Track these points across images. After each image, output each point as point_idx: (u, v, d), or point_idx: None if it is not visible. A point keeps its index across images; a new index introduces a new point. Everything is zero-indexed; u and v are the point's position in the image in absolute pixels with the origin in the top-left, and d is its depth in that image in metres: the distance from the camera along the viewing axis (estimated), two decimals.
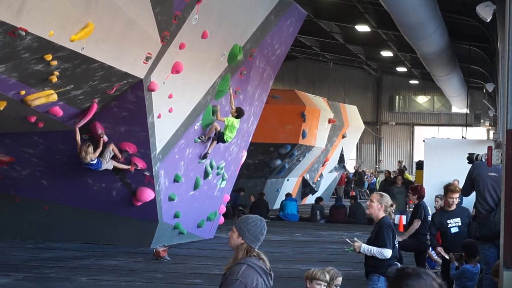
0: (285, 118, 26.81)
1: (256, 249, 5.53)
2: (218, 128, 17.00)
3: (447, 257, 11.33)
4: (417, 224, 13.39)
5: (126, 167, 15.66)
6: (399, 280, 3.52)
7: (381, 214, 8.75)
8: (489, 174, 10.75)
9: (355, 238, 8.97)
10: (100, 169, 15.41)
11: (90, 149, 14.97)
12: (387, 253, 8.61)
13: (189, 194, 17.55)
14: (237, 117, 17.11)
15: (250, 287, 5.34)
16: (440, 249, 11.60)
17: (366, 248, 8.76)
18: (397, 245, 8.84)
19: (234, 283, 5.31)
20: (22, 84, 12.14)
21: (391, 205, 8.83)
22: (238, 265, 5.39)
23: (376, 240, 8.72)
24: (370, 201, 8.86)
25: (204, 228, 18.73)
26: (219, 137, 17.08)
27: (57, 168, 16.13)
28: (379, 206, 8.73)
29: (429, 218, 13.70)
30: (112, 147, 15.31)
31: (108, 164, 15.45)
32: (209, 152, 17.33)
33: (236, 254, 5.49)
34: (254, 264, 5.42)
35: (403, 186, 22.65)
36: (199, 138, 16.90)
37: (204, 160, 17.49)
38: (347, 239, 8.92)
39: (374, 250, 8.70)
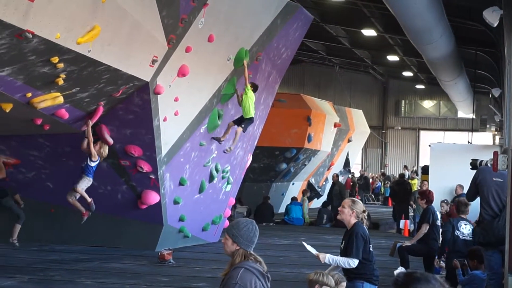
0: (291, 122, 26.79)
1: (252, 252, 5.57)
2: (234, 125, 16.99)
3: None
4: (425, 228, 13.38)
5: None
6: (407, 284, 3.51)
7: (353, 220, 8.64)
8: (494, 179, 10.72)
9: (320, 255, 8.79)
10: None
11: (105, 148, 14.89)
12: (353, 263, 8.49)
13: (194, 198, 17.55)
14: (253, 91, 17.00)
15: None
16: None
17: (331, 259, 8.60)
18: (372, 250, 8.75)
19: (234, 286, 5.35)
20: (29, 87, 12.15)
21: (363, 211, 8.74)
22: (236, 269, 5.45)
23: (346, 248, 8.66)
24: (341, 207, 8.70)
25: (209, 232, 18.73)
26: (243, 122, 16.88)
27: (63, 171, 16.14)
28: (350, 212, 8.63)
29: (438, 222, 13.70)
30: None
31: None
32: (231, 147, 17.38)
33: (233, 260, 5.55)
34: (251, 267, 5.47)
35: None
36: (216, 138, 16.90)
37: (209, 163, 17.49)
38: (306, 245, 8.80)
39: (340, 260, 8.57)
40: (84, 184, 14.89)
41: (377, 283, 8.71)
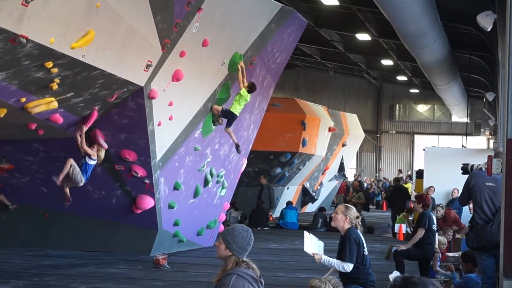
0: (285, 126, 26.79)
1: (244, 259, 5.56)
2: (219, 108, 16.71)
3: None
4: (421, 233, 13.38)
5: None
6: None
7: (347, 225, 8.70)
8: (487, 184, 10.72)
9: (312, 253, 8.87)
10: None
11: (102, 151, 14.77)
12: (347, 267, 8.58)
13: (189, 202, 17.54)
14: (249, 92, 16.86)
15: None
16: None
17: (326, 260, 8.72)
18: (366, 254, 8.78)
19: None
20: (23, 91, 12.14)
21: (357, 217, 8.78)
22: (228, 276, 5.43)
23: (339, 252, 8.71)
24: (335, 213, 8.81)
25: (203, 236, 18.71)
26: (227, 115, 16.66)
27: (57, 176, 16.10)
28: (343, 218, 8.69)
29: (434, 227, 13.70)
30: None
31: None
32: (236, 141, 17.29)
33: (225, 266, 5.54)
34: (243, 273, 5.46)
35: None
36: (213, 122, 16.78)
37: (204, 168, 17.48)
38: (306, 238, 8.86)
39: (335, 263, 8.66)
40: (79, 177, 14.70)
41: None
